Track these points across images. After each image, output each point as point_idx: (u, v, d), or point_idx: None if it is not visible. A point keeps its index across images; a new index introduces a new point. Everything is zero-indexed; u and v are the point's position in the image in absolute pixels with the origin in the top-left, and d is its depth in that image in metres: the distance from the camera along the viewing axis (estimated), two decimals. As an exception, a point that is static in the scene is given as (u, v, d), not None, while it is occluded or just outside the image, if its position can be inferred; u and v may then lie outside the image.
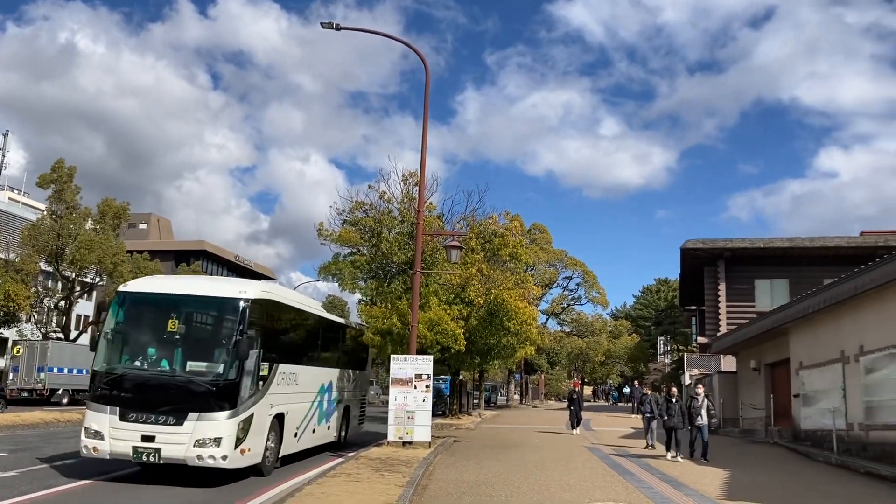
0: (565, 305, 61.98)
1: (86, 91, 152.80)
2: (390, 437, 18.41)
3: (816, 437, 21.31)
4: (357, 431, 21.70)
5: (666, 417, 18.88)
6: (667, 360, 67.71)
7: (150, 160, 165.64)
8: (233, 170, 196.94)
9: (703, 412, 18.38)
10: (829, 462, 18.19)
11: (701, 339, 40.73)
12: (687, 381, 39.22)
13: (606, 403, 70.88)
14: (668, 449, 18.75)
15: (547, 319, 59.99)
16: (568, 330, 65.80)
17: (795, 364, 23.63)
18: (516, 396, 67.77)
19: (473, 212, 27.36)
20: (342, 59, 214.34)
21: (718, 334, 34.96)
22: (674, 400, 19.05)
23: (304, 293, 24.32)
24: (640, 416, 25.39)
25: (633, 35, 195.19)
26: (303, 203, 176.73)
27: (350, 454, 17.08)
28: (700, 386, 19.94)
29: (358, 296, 25.65)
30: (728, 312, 36.87)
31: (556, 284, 58.92)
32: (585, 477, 14.27)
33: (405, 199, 24.50)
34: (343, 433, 19.88)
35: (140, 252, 45.55)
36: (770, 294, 36.45)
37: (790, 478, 15.53)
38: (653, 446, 20.81)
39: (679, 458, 18.07)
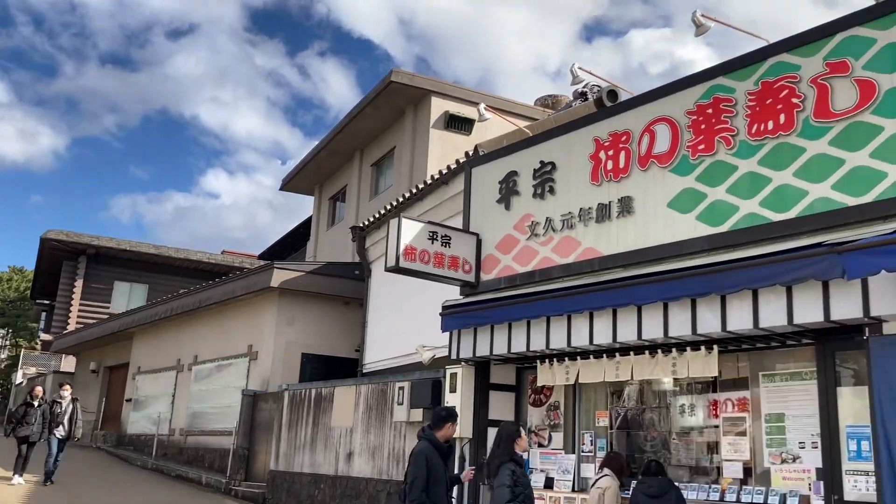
0: None
1: None
2: None
3: (140, 442, 21.64)
4: None
5: (22, 426, 13.90)
6: (2, 356, 61.41)
7: None
8: None
9: (66, 421, 14.30)
10: (147, 466, 18.59)
11: (45, 336, 38.06)
12: (19, 379, 36.11)
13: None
14: (16, 470, 13.96)
15: None
16: None
17: (134, 368, 23.78)
18: None
19: None
20: None
21: (65, 332, 33.18)
22: (36, 404, 14.21)
23: None
24: None
25: (45, 2, 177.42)
26: None
27: None
28: (66, 387, 15.33)
29: None
30: (81, 311, 35.29)
31: None
32: None
33: None
34: None
35: None
36: (128, 297, 36.20)
37: (100, 482, 15.32)
38: None
39: (24, 481, 13.89)
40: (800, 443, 6.74)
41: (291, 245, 33.46)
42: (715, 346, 7.08)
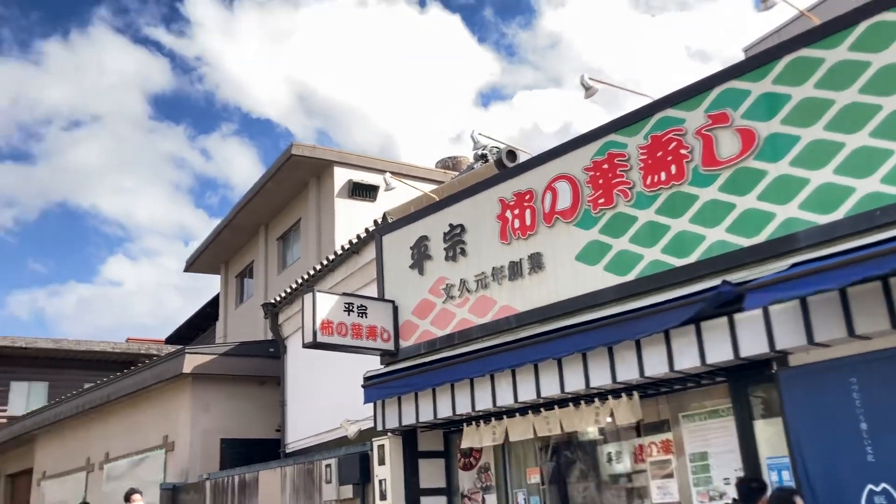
0: None
1: None
2: None
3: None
4: None
5: None
6: None
7: None
8: None
9: None
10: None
11: (-64, 449, 35.32)
12: None
13: None
14: None
15: None
16: None
17: (39, 474, 22.27)
18: None
19: None
20: None
21: (-42, 442, 30.87)
22: None
23: None
24: None
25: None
26: None
27: None
28: None
29: None
30: (-25, 417, 33.04)
31: None
32: None
33: None
34: None
35: None
36: (27, 398, 34.13)
37: None
38: None
39: None
40: (724, 479, 6.91)
41: (199, 326, 32.44)
42: (635, 392, 7.24)
